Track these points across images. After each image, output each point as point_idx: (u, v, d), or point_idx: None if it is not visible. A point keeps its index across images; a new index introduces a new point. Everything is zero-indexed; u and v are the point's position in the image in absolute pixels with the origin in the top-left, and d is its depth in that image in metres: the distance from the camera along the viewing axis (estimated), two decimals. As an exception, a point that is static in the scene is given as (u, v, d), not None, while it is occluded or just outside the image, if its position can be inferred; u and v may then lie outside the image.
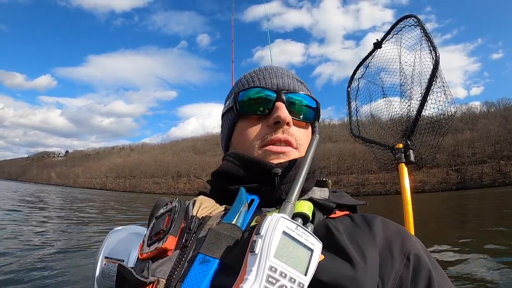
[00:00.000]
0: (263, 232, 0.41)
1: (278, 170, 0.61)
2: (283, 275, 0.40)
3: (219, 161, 0.73)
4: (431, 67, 1.61)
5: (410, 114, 1.87)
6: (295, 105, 0.69)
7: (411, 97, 1.93)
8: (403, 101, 2.02)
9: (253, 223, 0.55)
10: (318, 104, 0.72)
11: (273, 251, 0.40)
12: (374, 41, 2.13)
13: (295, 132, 0.68)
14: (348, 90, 2.27)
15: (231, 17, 3.33)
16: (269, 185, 0.62)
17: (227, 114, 0.76)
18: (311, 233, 0.44)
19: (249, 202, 0.60)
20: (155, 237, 0.57)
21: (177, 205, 0.61)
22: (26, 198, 25.10)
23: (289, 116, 0.66)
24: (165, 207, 0.64)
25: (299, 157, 0.66)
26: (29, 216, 12.71)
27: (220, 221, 0.56)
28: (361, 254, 0.50)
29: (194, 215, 0.59)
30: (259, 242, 0.41)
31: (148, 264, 0.53)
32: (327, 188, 0.72)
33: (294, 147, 0.66)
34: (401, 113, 2.02)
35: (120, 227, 0.83)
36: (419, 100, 1.74)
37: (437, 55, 1.58)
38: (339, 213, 0.61)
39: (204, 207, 0.62)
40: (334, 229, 0.54)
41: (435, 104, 1.64)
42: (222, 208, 0.62)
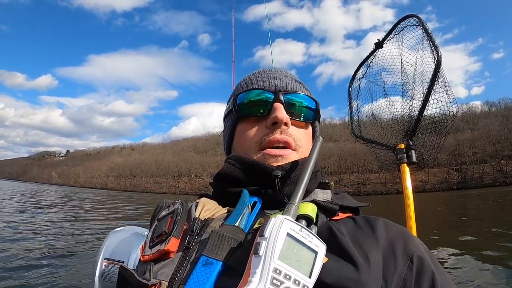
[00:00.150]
0: (267, 233, 0.41)
1: (278, 172, 0.61)
2: (288, 277, 0.39)
3: (220, 160, 0.73)
4: (433, 67, 1.61)
5: (412, 114, 1.86)
6: (293, 106, 0.69)
7: (412, 97, 1.92)
8: (404, 100, 2.02)
9: (256, 225, 0.55)
10: (317, 104, 0.72)
11: (278, 253, 0.40)
12: (375, 41, 2.12)
13: (294, 132, 0.67)
14: (349, 90, 2.26)
15: (231, 17, 3.33)
16: (271, 188, 0.62)
17: (228, 116, 0.76)
18: (315, 235, 0.44)
19: (252, 204, 0.60)
20: (157, 239, 0.57)
21: (180, 207, 0.61)
22: (26, 197, 25.13)
23: (287, 116, 0.66)
24: (167, 209, 0.64)
25: (299, 159, 0.65)
26: (29, 215, 12.71)
27: (223, 223, 0.56)
28: (364, 256, 0.50)
29: (196, 217, 0.59)
30: (263, 244, 0.41)
31: (150, 266, 0.53)
32: (329, 190, 0.71)
33: (292, 149, 0.66)
34: (403, 113, 2.01)
35: (120, 228, 0.83)
36: (421, 100, 1.74)
37: (439, 55, 1.58)
38: (341, 215, 0.61)
39: (206, 209, 0.62)
40: (337, 231, 0.54)
41: (437, 104, 1.64)
42: (225, 210, 0.62)
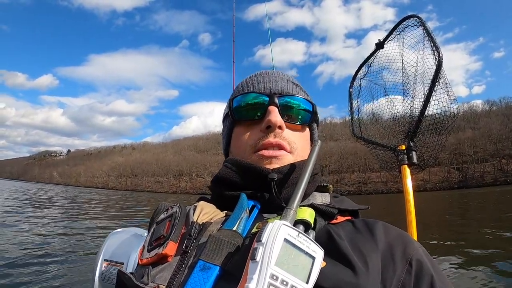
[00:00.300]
0: (264, 239, 0.41)
1: (274, 175, 0.60)
2: (285, 283, 0.39)
3: (220, 160, 0.73)
4: (434, 67, 1.60)
5: (412, 114, 1.86)
6: (288, 109, 0.68)
7: (413, 96, 1.92)
8: (405, 100, 2.01)
9: (254, 230, 0.55)
10: (314, 106, 0.71)
11: (275, 259, 0.40)
12: (376, 42, 2.11)
13: (289, 135, 0.67)
14: (350, 90, 2.26)
15: (232, 17, 3.32)
16: (267, 191, 0.61)
17: (225, 120, 0.76)
18: (312, 241, 0.44)
19: (250, 208, 0.60)
20: (155, 242, 0.57)
21: (178, 211, 0.60)
22: (27, 197, 25.17)
23: (281, 119, 0.65)
24: (166, 212, 0.63)
25: (296, 162, 0.65)
26: (29, 215, 12.72)
27: (220, 227, 0.55)
28: (363, 260, 0.50)
29: (194, 221, 0.58)
30: (260, 249, 0.40)
31: (148, 270, 0.53)
32: (328, 193, 0.71)
33: (288, 151, 0.65)
34: (404, 112, 2.01)
35: (120, 229, 0.82)
36: (421, 100, 1.73)
37: (440, 56, 1.57)
38: (340, 219, 0.61)
39: (204, 212, 0.61)
40: (335, 235, 0.54)
41: (438, 105, 1.63)
42: (223, 214, 0.62)
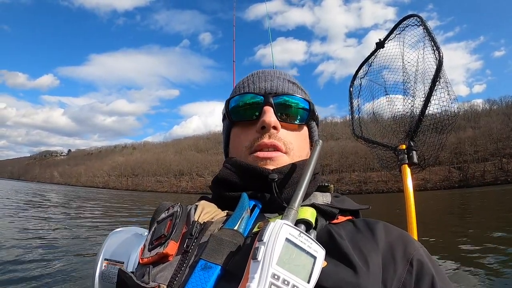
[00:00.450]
0: (265, 239, 0.41)
1: (274, 176, 0.60)
2: (286, 282, 0.39)
3: (221, 159, 0.73)
4: (435, 67, 1.60)
5: (413, 114, 1.85)
6: (283, 108, 0.67)
7: (414, 96, 1.91)
8: (406, 99, 2.01)
9: (256, 229, 0.55)
10: (311, 104, 0.70)
11: (276, 258, 0.40)
12: (376, 41, 2.11)
13: (284, 136, 0.66)
14: (350, 89, 2.25)
15: (233, 16, 3.32)
16: (268, 192, 0.61)
17: (224, 120, 0.76)
18: (314, 240, 0.44)
19: (251, 207, 0.60)
20: (156, 241, 0.57)
21: (179, 210, 0.60)
22: (27, 197, 25.19)
23: (275, 120, 0.64)
24: (167, 211, 0.63)
25: (296, 161, 0.65)
26: (29, 215, 12.76)
27: (222, 226, 0.55)
28: (363, 260, 0.50)
29: (195, 220, 0.58)
30: (262, 249, 0.40)
31: (148, 269, 0.53)
32: (329, 193, 0.71)
33: (283, 152, 0.65)
34: (404, 112, 2.01)
35: (120, 228, 0.82)
36: (422, 99, 1.73)
37: (441, 55, 1.56)
38: (341, 218, 0.61)
39: (206, 212, 0.61)
40: (336, 235, 0.54)
41: (438, 104, 1.63)
42: (224, 213, 0.62)
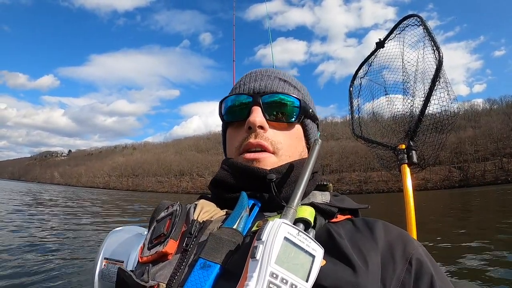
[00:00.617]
0: (264, 237, 0.41)
1: (272, 176, 0.60)
2: (284, 281, 0.39)
3: (221, 159, 0.73)
4: (434, 66, 1.60)
5: (413, 114, 1.85)
6: (272, 107, 0.66)
7: (414, 95, 1.91)
8: (406, 99, 2.01)
9: (254, 228, 0.55)
10: (301, 101, 0.68)
11: (274, 257, 0.40)
12: (376, 41, 2.11)
13: (272, 135, 0.65)
14: (350, 89, 2.25)
15: (233, 16, 3.32)
16: (267, 191, 0.61)
17: (221, 122, 0.77)
18: (312, 239, 0.44)
19: (250, 206, 0.60)
20: (156, 240, 0.57)
21: (178, 209, 0.60)
22: (28, 197, 25.21)
23: (261, 119, 0.64)
24: (166, 210, 0.63)
25: (294, 161, 0.65)
26: (30, 215, 12.75)
27: (221, 225, 0.55)
28: (362, 259, 0.50)
29: (195, 219, 0.58)
30: (260, 247, 0.41)
31: (148, 267, 0.53)
32: (328, 192, 0.71)
33: (270, 152, 0.64)
34: (404, 112, 2.01)
35: (120, 228, 0.82)
36: (422, 99, 1.73)
37: (440, 55, 1.56)
38: (340, 217, 0.61)
39: (205, 211, 0.61)
40: (335, 234, 0.54)
41: (438, 104, 1.63)
42: (223, 212, 0.62)
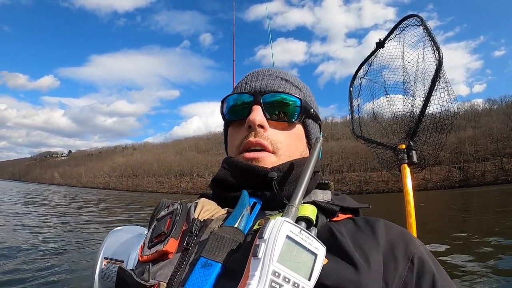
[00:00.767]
0: (266, 236, 0.41)
1: (274, 174, 0.60)
2: (287, 280, 0.39)
3: (221, 160, 0.72)
4: (434, 66, 1.60)
5: (413, 114, 1.85)
6: (272, 106, 0.66)
7: (414, 95, 1.91)
8: (406, 99, 2.01)
9: (256, 227, 0.55)
10: (302, 101, 0.68)
11: (277, 256, 0.39)
12: (376, 41, 2.11)
13: (272, 134, 0.65)
14: (350, 89, 2.25)
15: (233, 16, 3.32)
16: (268, 190, 0.61)
17: (223, 121, 0.77)
18: (315, 237, 0.44)
19: (251, 205, 0.59)
20: (156, 239, 0.57)
21: (179, 208, 0.60)
22: (28, 197, 25.20)
23: (261, 118, 0.64)
24: (167, 209, 0.63)
25: (295, 159, 0.65)
26: (30, 215, 12.76)
27: (222, 224, 0.55)
28: (364, 257, 0.49)
29: (195, 217, 0.58)
30: (262, 246, 0.40)
31: (148, 266, 0.53)
32: (329, 190, 0.71)
33: (270, 151, 0.64)
34: (404, 112, 2.01)
35: (120, 227, 0.82)
36: (422, 99, 1.73)
37: (440, 55, 1.56)
38: (342, 216, 0.61)
39: (206, 209, 0.61)
40: (337, 232, 0.54)
41: (438, 104, 1.63)
42: (224, 211, 0.61)
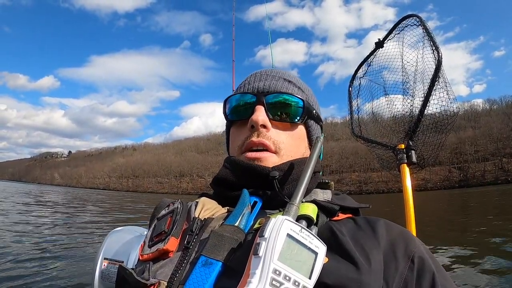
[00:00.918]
0: (267, 234, 0.41)
1: (275, 173, 0.60)
2: (287, 278, 0.39)
3: (221, 160, 0.73)
4: (434, 66, 1.60)
5: (412, 113, 1.85)
6: (275, 107, 0.67)
7: (413, 95, 1.91)
8: (405, 99, 2.01)
9: (256, 225, 0.55)
10: (305, 102, 0.68)
11: (277, 254, 0.40)
12: (376, 41, 2.11)
13: (274, 135, 0.65)
14: (349, 89, 2.25)
15: (233, 17, 3.33)
16: (269, 189, 0.61)
17: (226, 121, 0.77)
18: (315, 236, 0.44)
19: (252, 204, 0.59)
20: (157, 238, 0.57)
21: (179, 206, 0.60)
22: (28, 198, 25.19)
23: (263, 118, 0.64)
24: (167, 208, 0.63)
25: (295, 159, 0.65)
26: (30, 216, 12.78)
27: (222, 223, 0.55)
28: (365, 256, 0.50)
29: (196, 216, 0.58)
30: (263, 244, 0.40)
31: (149, 265, 0.53)
32: (329, 190, 0.71)
33: (272, 151, 0.64)
34: (404, 112, 2.01)
35: (120, 228, 0.82)
36: (421, 99, 1.73)
37: (440, 55, 1.56)
38: (342, 216, 0.61)
39: (206, 208, 0.61)
40: (338, 231, 0.54)
41: (438, 104, 1.63)
42: (224, 210, 0.62)
